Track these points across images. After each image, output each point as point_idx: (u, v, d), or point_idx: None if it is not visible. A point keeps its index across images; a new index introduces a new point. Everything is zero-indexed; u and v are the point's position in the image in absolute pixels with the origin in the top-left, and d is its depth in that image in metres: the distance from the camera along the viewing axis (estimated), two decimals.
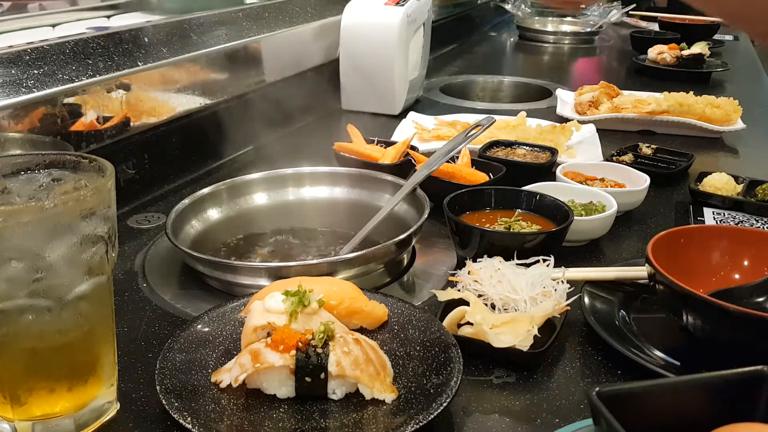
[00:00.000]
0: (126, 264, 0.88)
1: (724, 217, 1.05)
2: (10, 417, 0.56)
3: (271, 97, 1.39)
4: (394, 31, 1.46)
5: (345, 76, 1.56)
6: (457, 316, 0.70)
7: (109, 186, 0.55)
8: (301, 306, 0.62)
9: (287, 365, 0.59)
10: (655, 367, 0.64)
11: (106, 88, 0.98)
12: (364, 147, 1.15)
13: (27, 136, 0.87)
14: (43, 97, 0.88)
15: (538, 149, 1.21)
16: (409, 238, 0.83)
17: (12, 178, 0.57)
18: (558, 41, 2.71)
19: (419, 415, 0.55)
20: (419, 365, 0.63)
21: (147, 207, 1.07)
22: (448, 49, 2.47)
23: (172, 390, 0.59)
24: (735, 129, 1.44)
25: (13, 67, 0.88)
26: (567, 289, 0.74)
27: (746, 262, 0.77)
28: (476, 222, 0.89)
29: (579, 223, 0.90)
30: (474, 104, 1.79)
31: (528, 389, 0.65)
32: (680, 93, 1.51)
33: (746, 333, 0.63)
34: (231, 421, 0.57)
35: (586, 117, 1.51)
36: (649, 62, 2.13)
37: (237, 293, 0.78)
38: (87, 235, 0.54)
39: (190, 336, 0.66)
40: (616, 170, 1.12)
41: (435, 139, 1.33)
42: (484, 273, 0.76)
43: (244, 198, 0.99)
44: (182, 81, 1.14)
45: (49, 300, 0.53)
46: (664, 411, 0.47)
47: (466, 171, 1.07)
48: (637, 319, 0.75)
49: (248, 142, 1.34)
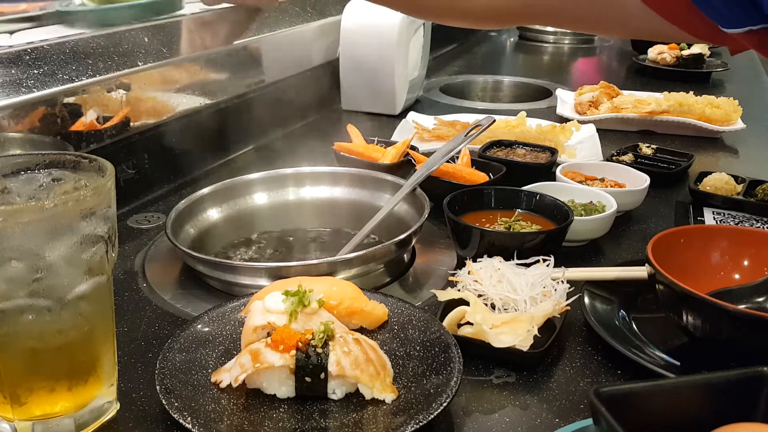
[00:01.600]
0: (126, 264, 0.88)
1: (724, 217, 1.05)
2: (10, 417, 0.56)
3: (271, 97, 1.39)
4: (394, 31, 1.46)
5: (345, 76, 1.56)
6: (457, 316, 0.70)
7: (109, 186, 0.55)
8: (301, 306, 0.62)
9: (287, 365, 0.59)
10: (655, 367, 0.64)
11: (106, 88, 0.98)
12: (364, 147, 1.15)
13: (27, 136, 0.87)
14: (43, 97, 0.88)
15: (538, 149, 1.21)
16: (409, 238, 0.83)
17: (12, 178, 0.57)
18: (558, 41, 2.71)
19: (419, 415, 0.55)
20: (419, 365, 0.63)
21: (147, 207, 1.07)
22: (448, 49, 2.47)
23: (172, 390, 0.59)
24: (735, 129, 1.44)
25: (13, 67, 0.88)
26: (567, 289, 0.74)
27: (746, 262, 0.77)
28: (476, 222, 0.89)
29: (579, 223, 0.90)
30: (474, 104, 1.79)
31: (528, 389, 0.65)
32: (680, 93, 1.51)
33: (746, 333, 0.63)
34: (231, 421, 0.57)
35: (586, 117, 1.51)
36: (649, 62, 2.13)
37: (237, 293, 0.78)
38: (87, 235, 0.53)
39: (190, 336, 0.66)
40: (616, 170, 1.12)
41: (435, 139, 1.33)
42: (484, 273, 0.76)
43: (244, 198, 0.99)
44: (182, 81, 1.14)
45: (49, 300, 0.53)
46: (664, 411, 0.47)
47: (466, 171, 1.07)
48: (637, 319, 0.75)
49: (248, 142, 1.34)
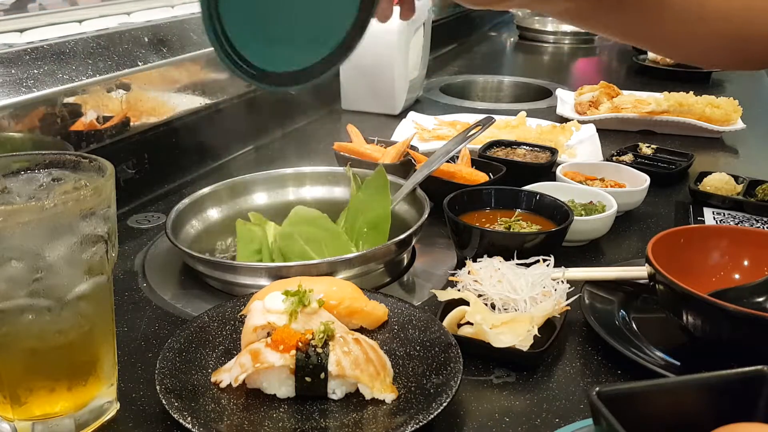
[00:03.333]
0: (126, 264, 0.88)
1: (724, 217, 1.05)
2: (10, 417, 0.56)
3: (271, 97, 1.39)
4: (394, 31, 1.46)
5: (345, 76, 1.56)
6: (457, 316, 0.70)
7: (109, 186, 0.55)
8: (301, 306, 0.62)
9: (287, 365, 0.59)
10: (655, 367, 0.64)
11: (106, 88, 0.98)
12: (364, 147, 1.15)
13: (27, 136, 0.87)
14: (43, 97, 0.88)
15: (538, 149, 1.21)
16: (409, 238, 0.83)
17: (12, 178, 0.57)
18: (558, 41, 2.71)
19: (419, 415, 0.55)
20: (419, 365, 0.63)
21: (147, 207, 1.07)
22: (448, 49, 2.47)
23: (172, 390, 0.59)
24: (735, 129, 1.44)
25: (13, 67, 0.88)
26: (567, 289, 0.74)
27: (746, 262, 0.77)
28: (476, 222, 0.89)
29: (579, 223, 0.90)
30: (474, 104, 1.79)
31: (528, 389, 0.65)
32: (680, 93, 1.51)
33: (746, 333, 0.63)
34: (231, 421, 0.57)
35: (586, 117, 1.51)
36: (649, 62, 2.13)
37: (237, 293, 0.78)
38: (87, 234, 0.54)
39: (190, 336, 0.66)
40: (616, 170, 1.12)
41: (435, 139, 1.33)
42: (484, 273, 0.76)
43: (244, 198, 0.99)
44: (182, 81, 1.14)
45: (49, 300, 0.53)
46: (664, 411, 0.47)
47: (466, 171, 1.07)
48: (637, 319, 0.75)
49: (248, 142, 1.34)
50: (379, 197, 0.89)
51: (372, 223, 0.88)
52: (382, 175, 0.90)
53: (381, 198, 0.89)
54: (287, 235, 0.85)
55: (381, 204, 0.89)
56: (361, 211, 0.90)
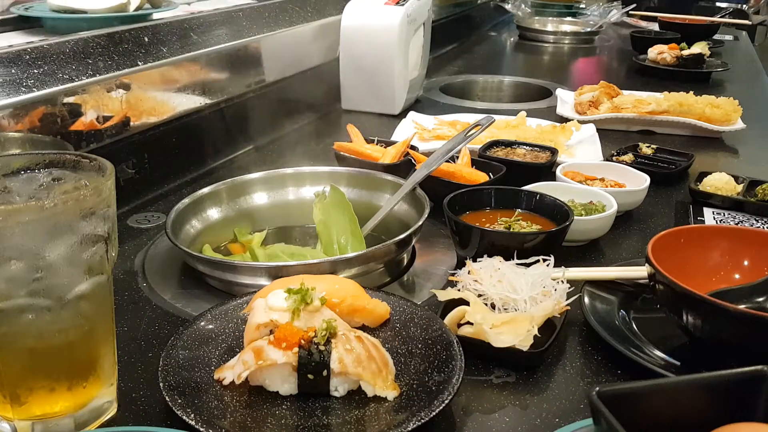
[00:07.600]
0: (126, 264, 0.88)
1: (724, 217, 1.05)
2: (10, 416, 0.56)
3: (271, 97, 1.39)
4: (394, 31, 1.46)
5: (345, 76, 1.56)
6: (457, 316, 0.70)
7: (109, 186, 0.55)
8: (303, 304, 0.63)
9: (290, 362, 0.59)
10: (655, 367, 0.64)
11: (106, 88, 0.98)
12: (364, 147, 1.15)
13: (27, 135, 0.87)
14: (43, 96, 0.88)
15: (538, 149, 1.21)
16: (409, 238, 0.83)
17: (12, 178, 0.57)
18: (558, 41, 2.71)
19: (421, 412, 0.56)
20: (421, 363, 0.63)
21: (147, 207, 1.07)
22: (448, 49, 2.47)
23: (176, 387, 0.59)
24: (735, 129, 1.44)
25: (13, 66, 0.88)
26: (567, 289, 0.74)
27: (746, 262, 0.77)
28: (476, 222, 0.89)
29: (579, 223, 0.90)
30: (474, 104, 1.79)
31: (528, 389, 0.65)
32: (680, 93, 1.51)
33: (746, 333, 0.63)
34: (234, 418, 0.57)
35: (586, 117, 1.51)
36: (649, 62, 2.13)
37: (237, 293, 0.78)
38: (87, 234, 0.54)
39: (194, 333, 0.67)
40: (616, 170, 1.12)
41: (435, 139, 1.33)
42: (484, 273, 0.76)
43: (244, 198, 0.99)
44: (182, 81, 1.14)
45: (49, 299, 0.53)
46: (664, 411, 0.47)
47: (466, 171, 1.07)
48: (637, 319, 0.75)
49: (248, 142, 1.34)
50: (341, 211, 0.91)
51: (347, 230, 0.89)
52: (337, 192, 0.94)
53: (342, 211, 0.91)
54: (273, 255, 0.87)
55: (346, 217, 0.90)
56: (330, 227, 0.91)
